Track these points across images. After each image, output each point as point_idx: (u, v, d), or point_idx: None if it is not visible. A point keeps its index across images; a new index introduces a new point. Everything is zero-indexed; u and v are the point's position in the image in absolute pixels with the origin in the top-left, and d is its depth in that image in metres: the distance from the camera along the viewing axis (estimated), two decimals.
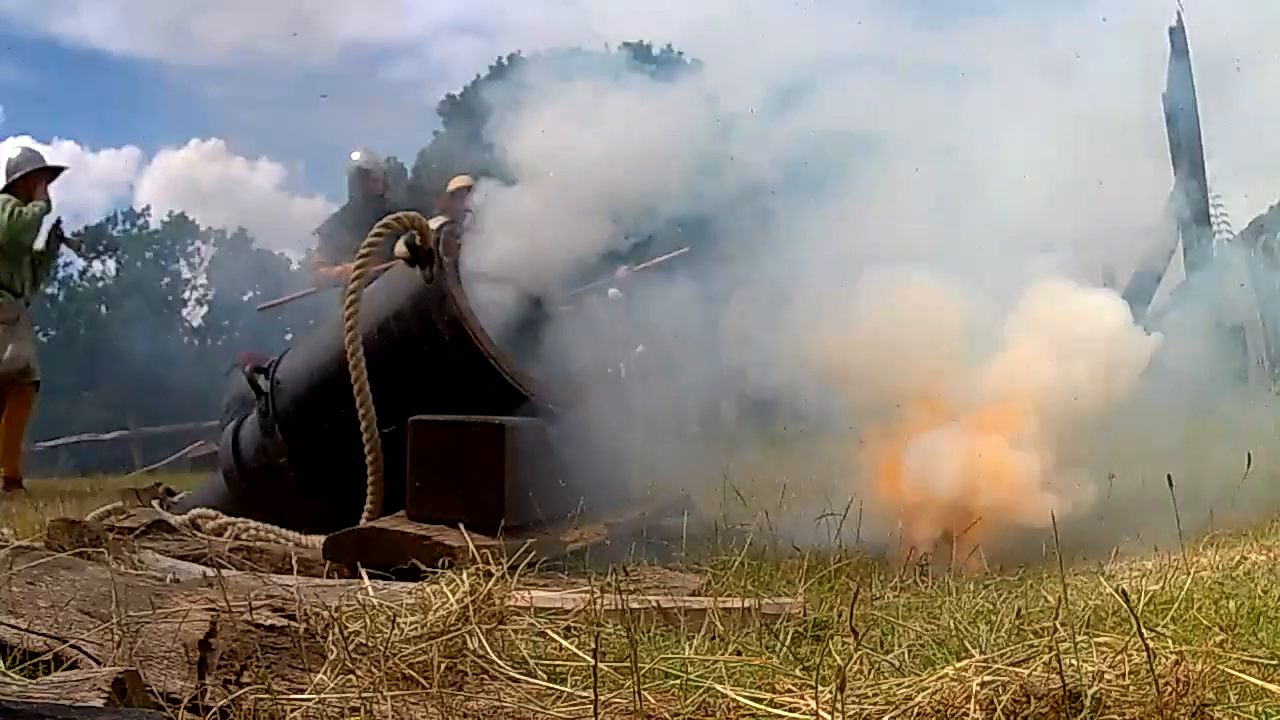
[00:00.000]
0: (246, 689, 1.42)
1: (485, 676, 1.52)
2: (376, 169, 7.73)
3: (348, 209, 7.68)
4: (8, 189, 7.32)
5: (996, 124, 3.41)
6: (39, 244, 7.38)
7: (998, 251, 3.24)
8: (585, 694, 1.42)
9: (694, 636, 1.85)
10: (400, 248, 2.96)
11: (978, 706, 1.19)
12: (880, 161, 3.37)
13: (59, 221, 7.53)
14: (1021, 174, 3.18)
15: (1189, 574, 2.21)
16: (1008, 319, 3.09)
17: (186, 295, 44.01)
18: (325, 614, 1.68)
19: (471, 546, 2.28)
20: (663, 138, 3.05)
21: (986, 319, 3.07)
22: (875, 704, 1.29)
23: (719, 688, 1.40)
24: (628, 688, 1.38)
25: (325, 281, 7.48)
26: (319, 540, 2.62)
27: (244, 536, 2.89)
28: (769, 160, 3.37)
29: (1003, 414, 2.94)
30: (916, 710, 1.24)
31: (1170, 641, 1.41)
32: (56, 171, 7.65)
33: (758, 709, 1.33)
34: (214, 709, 1.40)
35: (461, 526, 2.42)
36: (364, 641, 1.59)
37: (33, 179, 7.36)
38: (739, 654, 1.73)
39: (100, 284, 39.76)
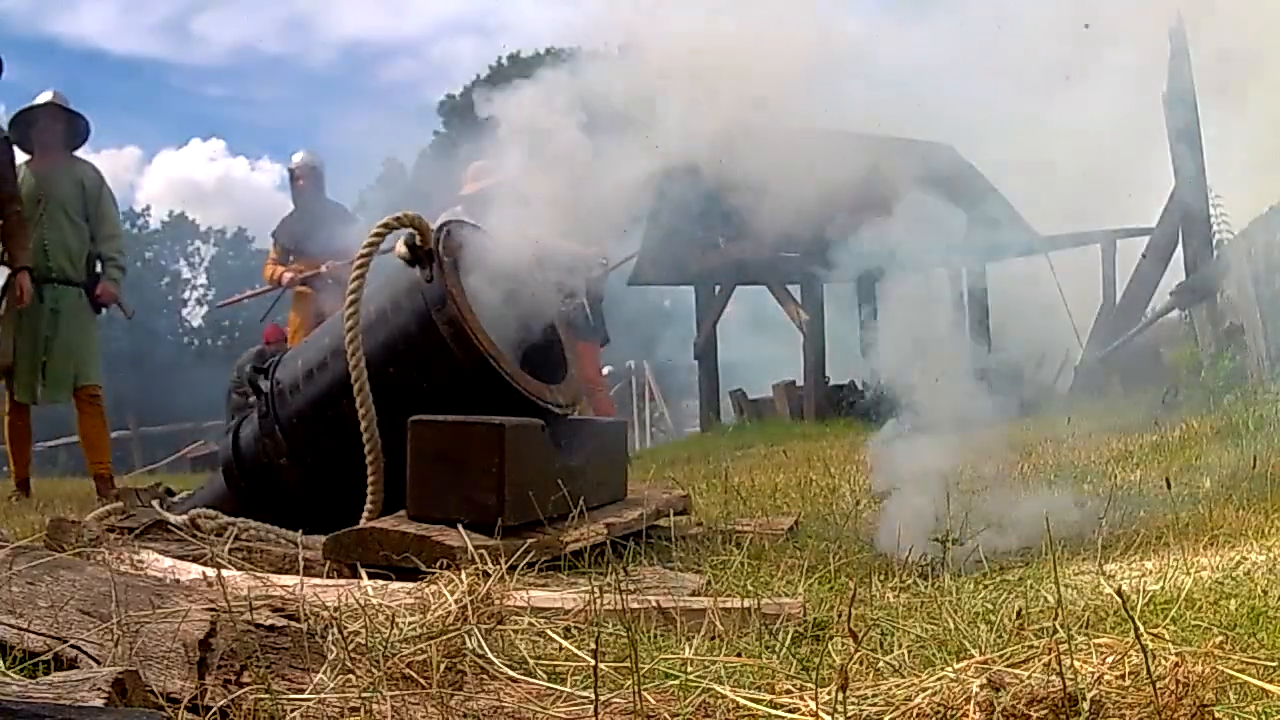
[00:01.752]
0: (246, 689, 1.42)
1: (485, 676, 1.52)
2: (302, 169, 7.50)
3: (292, 211, 7.69)
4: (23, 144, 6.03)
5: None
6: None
7: None
8: (585, 694, 1.42)
9: (694, 636, 1.85)
10: (400, 247, 2.96)
11: (977, 708, 1.19)
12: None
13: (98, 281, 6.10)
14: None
15: (1189, 574, 2.21)
16: None
17: (186, 295, 44.10)
18: (325, 614, 1.68)
19: (470, 546, 2.28)
20: None
21: None
22: (875, 705, 1.29)
23: (718, 688, 1.41)
24: (628, 688, 1.38)
25: (272, 282, 7.45)
26: (319, 540, 2.62)
27: (244, 536, 2.89)
28: None
29: None
30: (916, 711, 1.24)
31: (1170, 642, 1.41)
32: (75, 127, 6.20)
33: (757, 709, 1.33)
34: (214, 709, 1.40)
35: (461, 527, 2.43)
36: (364, 641, 1.59)
37: (39, 128, 6.03)
38: (739, 654, 1.73)
39: None
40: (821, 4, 3.26)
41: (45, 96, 6.19)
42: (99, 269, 6.19)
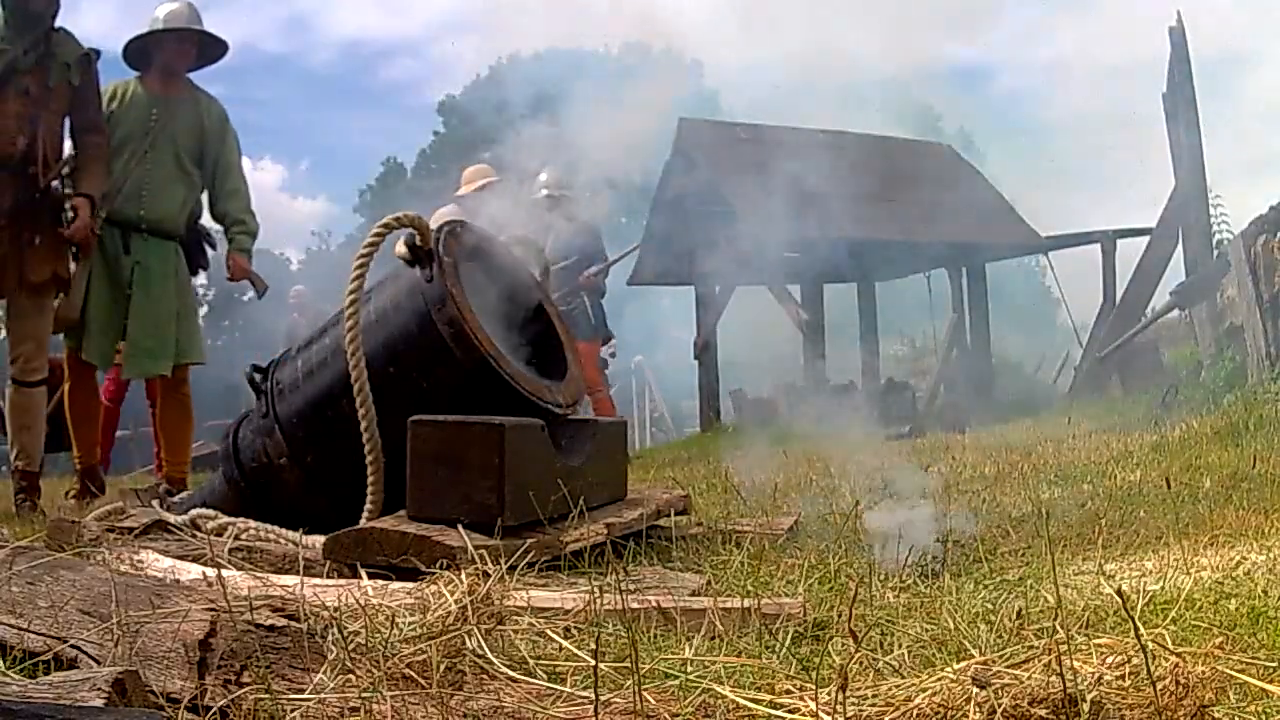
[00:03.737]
0: (246, 689, 1.42)
1: (485, 676, 1.52)
2: None
3: None
4: (138, 61, 4.91)
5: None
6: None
7: None
8: (585, 694, 1.41)
9: (694, 636, 1.85)
10: (400, 247, 2.96)
11: (977, 708, 1.19)
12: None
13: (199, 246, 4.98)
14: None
15: (1189, 574, 2.21)
16: None
17: None
18: (325, 614, 1.68)
19: (470, 546, 2.28)
20: None
21: None
22: (875, 705, 1.29)
23: (718, 688, 1.41)
24: (628, 688, 1.38)
25: None
26: (319, 540, 2.62)
27: (244, 536, 2.89)
28: None
29: None
30: (916, 711, 1.24)
31: (1170, 642, 1.40)
32: (206, 50, 4.97)
33: (757, 710, 1.33)
34: (214, 709, 1.40)
35: (461, 527, 2.42)
36: (364, 641, 1.59)
37: (167, 51, 4.85)
38: (739, 654, 1.73)
39: None
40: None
41: (176, 9, 4.91)
42: (217, 230, 5.12)
